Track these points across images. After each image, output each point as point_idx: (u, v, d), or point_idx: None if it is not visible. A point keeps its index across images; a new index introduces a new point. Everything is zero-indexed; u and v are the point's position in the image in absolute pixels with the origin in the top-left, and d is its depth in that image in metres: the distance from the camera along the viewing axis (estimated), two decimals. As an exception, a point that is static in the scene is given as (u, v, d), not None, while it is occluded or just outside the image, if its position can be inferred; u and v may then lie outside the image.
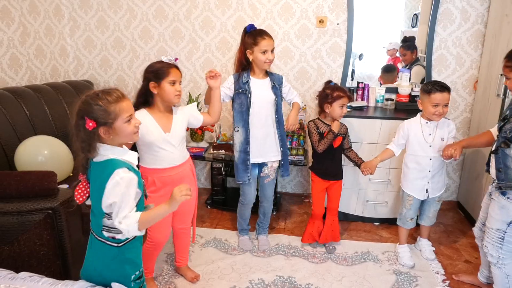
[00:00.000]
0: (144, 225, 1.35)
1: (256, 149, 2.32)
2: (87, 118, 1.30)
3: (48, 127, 2.55)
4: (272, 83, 2.30)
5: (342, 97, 2.29)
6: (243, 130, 2.29)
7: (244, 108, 2.25)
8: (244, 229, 2.62)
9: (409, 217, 2.42)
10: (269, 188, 2.48)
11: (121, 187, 1.30)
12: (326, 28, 3.01)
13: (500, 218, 1.81)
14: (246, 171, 2.34)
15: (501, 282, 1.89)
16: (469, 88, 3.01)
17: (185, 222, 2.13)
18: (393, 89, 3.03)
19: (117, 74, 3.37)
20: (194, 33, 3.16)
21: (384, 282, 2.25)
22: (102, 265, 1.43)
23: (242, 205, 2.51)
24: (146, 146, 1.87)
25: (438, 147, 2.25)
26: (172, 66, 1.82)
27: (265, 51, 2.17)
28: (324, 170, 2.44)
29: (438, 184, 2.35)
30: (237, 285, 2.20)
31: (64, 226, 1.87)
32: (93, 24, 3.26)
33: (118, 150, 1.38)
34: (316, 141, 2.36)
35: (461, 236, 2.77)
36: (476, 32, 2.88)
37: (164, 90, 1.82)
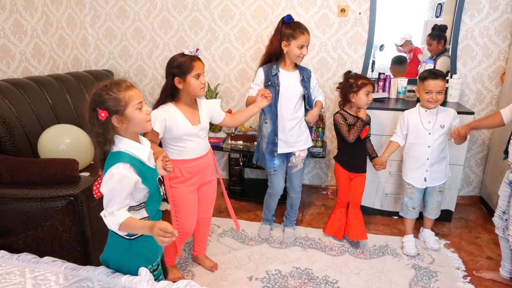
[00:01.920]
0: (125, 228, 1.33)
1: (284, 140, 2.32)
2: (98, 110, 1.31)
3: (70, 116, 2.60)
4: (301, 76, 2.29)
5: (366, 84, 2.27)
6: (271, 122, 2.30)
7: (273, 100, 2.22)
8: (268, 219, 2.64)
9: (411, 206, 2.44)
10: (296, 178, 2.47)
11: (113, 181, 1.30)
12: (348, 17, 2.95)
13: None
14: (272, 161, 2.36)
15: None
16: (495, 80, 2.90)
17: (207, 212, 2.16)
18: (415, 81, 2.95)
19: (137, 64, 3.39)
20: (213, 23, 3.15)
21: (402, 277, 2.22)
22: (115, 256, 1.44)
23: (269, 196, 2.52)
24: (174, 139, 1.89)
25: (438, 134, 2.28)
26: (195, 59, 1.81)
27: (302, 46, 2.16)
28: (350, 161, 2.42)
29: (438, 173, 2.35)
30: (254, 275, 2.21)
31: (85, 213, 1.91)
32: (114, 14, 3.28)
33: (129, 143, 1.37)
34: (346, 131, 2.33)
35: (483, 232, 2.70)
36: (505, 21, 2.77)
37: (190, 84, 1.81)
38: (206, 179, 2.04)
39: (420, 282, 2.17)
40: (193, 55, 1.82)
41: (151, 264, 1.48)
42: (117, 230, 1.34)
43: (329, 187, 3.36)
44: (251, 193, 3.20)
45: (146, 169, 1.39)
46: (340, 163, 2.45)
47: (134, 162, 1.35)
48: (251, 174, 3.46)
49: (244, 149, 2.95)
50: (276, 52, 2.23)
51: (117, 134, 1.36)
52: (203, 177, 2.01)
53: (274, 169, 2.38)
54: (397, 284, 2.16)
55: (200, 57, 1.85)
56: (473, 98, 2.95)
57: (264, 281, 2.16)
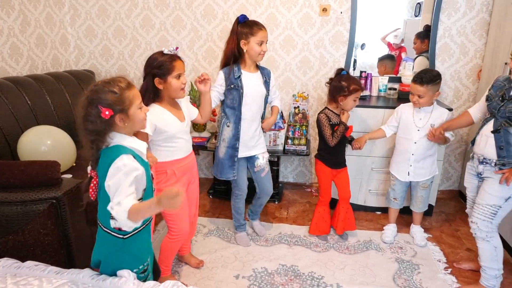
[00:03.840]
0: (134, 215, 1.27)
1: (245, 144, 2.28)
2: (101, 107, 1.28)
3: (51, 117, 2.54)
4: (264, 77, 2.26)
5: (357, 90, 2.27)
6: (234, 126, 2.24)
7: (236, 103, 2.19)
8: (241, 225, 2.55)
9: (393, 196, 2.54)
10: (268, 182, 2.41)
11: (119, 173, 1.28)
12: (329, 16, 2.98)
13: (499, 194, 1.88)
14: (232, 167, 2.30)
15: (490, 255, 1.97)
16: (472, 78, 2.99)
17: (191, 212, 2.14)
18: (396, 78, 3.01)
19: (119, 63, 3.34)
20: (195, 22, 3.13)
21: (386, 270, 2.26)
22: (106, 256, 1.43)
23: (236, 197, 2.45)
24: (166, 140, 1.85)
25: (426, 132, 2.34)
26: (175, 58, 1.77)
27: (261, 42, 2.13)
28: (332, 159, 2.45)
29: (423, 169, 2.42)
30: (240, 274, 2.22)
31: (68, 216, 1.88)
32: (94, 13, 3.22)
33: (128, 138, 1.37)
34: (329, 135, 2.33)
35: (462, 225, 2.78)
36: (481, 20, 2.85)
37: (171, 85, 1.77)
38: (192, 178, 2.04)
39: (403, 275, 2.22)
40: (173, 54, 1.77)
41: (143, 264, 1.47)
42: (126, 220, 1.26)
43: (313, 184, 3.39)
44: (236, 192, 3.20)
45: (144, 163, 1.39)
46: (323, 161, 2.46)
47: (134, 153, 1.35)
48: (236, 173, 3.47)
49: (229, 148, 2.95)
50: (233, 53, 2.16)
51: (114, 132, 1.34)
52: (190, 176, 2.01)
53: (234, 174, 2.31)
54: (381, 277, 2.20)
55: (180, 56, 1.81)
56: (452, 95, 3.03)
57: (250, 279, 2.17)
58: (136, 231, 1.42)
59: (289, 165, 3.41)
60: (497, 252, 1.96)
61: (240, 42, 2.14)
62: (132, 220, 1.28)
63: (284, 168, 3.41)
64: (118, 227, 1.37)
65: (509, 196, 1.86)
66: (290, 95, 3.16)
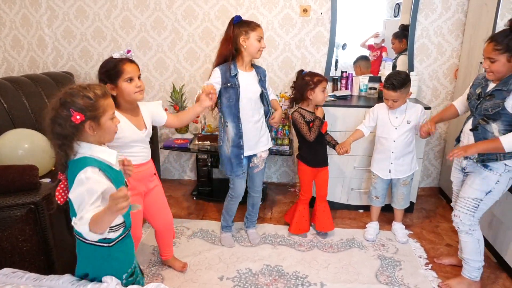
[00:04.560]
0: (94, 226, 1.19)
1: (248, 142, 2.29)
2: (73, 111, 1.24)
3: (28, 120, 2.49)
4: (259, 76, 2.27)
5: (322, 81, 2.33)
6: (234, 124, 2.23)
7: (233, 102, 2.19)
8: (228, 226, 2.55)
9: (375, 194, 2.58)
10: (258, 178, 2.46)
11: (81, 187, 1.22)
12: (310, 17, 3.01)
13: (480, 188, 1.93)
14: (239, 165, 2.30)
15: (473, 248, 2.02)
16: (450, 77, 3.06)
17: (164, 217, 2.10)
18: (376, 78, 3.06)
19: (98, 65, 3.25)
20: (176, 23, 3.11)
21: (369, 268, 2.29)
22: (96, 266, 1.39)
23: (231, 199, 2.44)
24: (121, 147, 1.79)
25: (404, 130, 2.38)
26: (125, 62, 1.70)
27: (260, 38, 2.14)
28: (313, 158, 2.47)
29: (403, 166, 2.47)
30: (225, 275, 2.21)
31: (47, 221, 1.84)
32: (72, 14, 3.17)
33: (96, 148, 1.32)
34: (307, 131, 2.37)
35: (442, 221, 2.85)
36: (457, 21, 2.93)
37: (123, 89, 1.71)
38: (150, 186, 1.97)
39: (385, 272, 2.26)
40: (123, 57, 1.71)
41: (131, 267, 1.46)
42: (88, 233, 1.21)
43: (297, 184, 3.42)
44: (220, 193, 3.18)
45: (114, 173, 1.35)
46: (304, 161, 2.49)
47: (102, 166, 1.30)
48: (220, 174, 3.46)
49: (212, 149, 2.94)
50: (230, 53, 2.16)
51: (82, 141, 1.30)
52: (147, 184, 1.94)
53: (243, 170, 2.32)
54: (364, 275, 2.23)
55: (133, 59, 1.75)
56: (430, 94, 3.10)
57: (235, 280, 2.17)
58: (121, 237, 1.40)
59: (272, 165, 3.42)
60: (480, 244, 2.01)
61: (239, 40, 2.13)
62: (95, 231, 1.21)
63: (267, 169, 3.42)
64: (102, 236, 1.34)
65: (489, 190, 1.91)
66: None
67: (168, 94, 3.22)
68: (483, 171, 1.92)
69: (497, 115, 1.81)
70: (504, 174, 1.88)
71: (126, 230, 1.43)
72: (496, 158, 1.86)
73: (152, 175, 1.99)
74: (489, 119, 1.85)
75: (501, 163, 1.86)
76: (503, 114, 1.79)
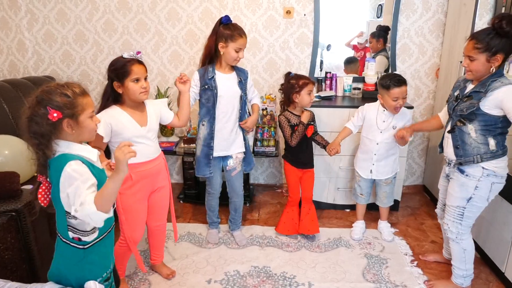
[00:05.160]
0: (102, 203, 1.20)
1: (220, 143, 2.30)
2: (50, 108, 1.22)
3: (8, 126, 2.43)
4: (238, 78, 2.28)
5: (308, 83, 2.33)
6: (209, 125, 2.27)
7: (210, 103, 2.23)
8: (214, 222, 2.60)
9: (359, 192, 2.62)
10: (237, 181, 2.45)
11: (74, 179, 1.22)
12: (293, 19, 3.03)
13: (460, 195, 1.91)
14: (208, 165, 2.33)
15: (458, 256, 2.01)
16: (431, 76, 3.11)
17: (160, 219, 2.10)
18: (360, 78, 3.09)
19: (81, 68, 3.25)
20: (160, 25, 3.09)
21: (355, 266, 2.31)
22: (68, 268, 1.37)
23: (209, 194, 2.48)
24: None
25: (388, 134, 2.39)
26: (134, 62, 1.75)
27: (239, 49, 2.15)
28: (298, 159, 2.47)
29: (385, 168, 2.49)
30: (212, 278, 2.20)
31: (29, 229, 1.81)
32: (53, 17, 3.12)
33: (76, 146, 1.31)
34: (289, 136, 2.38)
35: (427, 218, 2.89)
36: (437, 21, 2.98)
37: (128, 89, 1.75)
38: (157, 185, 1.98)
39: (372, 270, 2.28)
40: (132, 58, 1.75)
41: (106, 272, 1.44)
42: (96, 212, 1.19)
43: (284, 185, 3.42)
44: (207, 196, 3.18)
45: (96, 170, 1.34)
46: (289, 161, 2.50)
47: (84, 160, 1.29)
48: (206, 176, 3.44)
49: (198, 152, 2.92)
50: (212, 52, 2.19)
51: (61, 139, 1.29)
52: (154, 183, 1.95)
53: (211, 171, 2.35)
54: (351, 273, 2.25)
55: (142, 60, 1.79)
56: (412, 93, 3.15)
57: (223, 283, 2.16)
58: (97, 240, 1.39)
59: (259, 167, 3.42)
60: (466, 254, 1.98)
61: (218, 43, 2.15)
62: (102, 210, 1.20)
63: (254, 170, 3.42)
64: (77, 237, 1.34)
65: (469, 197, 1.88)
66: (258, 97, 3.19)
67: (152, 97, 3.19)
68: (460, 178, 1.90)
69: (473, 116, 1.80)
70: (483, 179, 1.83)
71: (104, 231, 1.41)
72: (472, 160, 1.83)
73: (161, 172, 1.98)
74: (466, 120, 1.84)
75: (478, 167, 1.83)
76: (479, 115, 1.78)
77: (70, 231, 1.33)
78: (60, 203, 1.28)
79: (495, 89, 1.73)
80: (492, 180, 1.83)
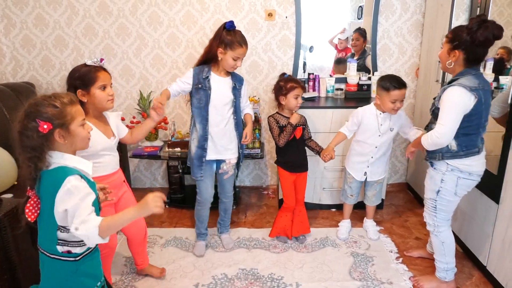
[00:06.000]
0: (107, 230, 1.22)
1: (213, 146, 2.28)
2: (39, 121, 1.21)
3: (-14, 134, 2.38)
4: (233, 83, 2.26)
5: (295, 87, 2.32)
6: (201, 126, 2.24)
7: (203, 104, 2.20)
8: (201, 233, 2.51)
9: (349, 193, 2.62)
10: (228, 183, 2.45)
11: (74, 195, 1.22)
12: (275, 21, 3.04)
13: (430, 187, 1.98)
14: (200, 167, 2.30)
15: (438, 249, 2.06)
16: (411, 76, 3.17)
17: (137, 226, 2.07)
18: (342, 79, 3.13)
19: (61, 74, 3.19)
20: (141, 29, 3.07)
21: (342, 265, 2.33)
22: (59, 284, 1.34)
23: (199, 204, 2.42)
24: (89, 157, 1.72)
25: (387, 137, 2.41)
26: (99, 69, 1.71)
27: (237, 58, 2.14)
28: (290, 162, 2.47)
29: (378, 169, 2.52)
30: (200, 282, 2.19)
31: (9, 238, 1.76)
32: (31, 22, 3.06)
33: (70, 158, 1.30)
34: (276, 136, 2.38)
35: (411, 215, 2.94)
36: (416, 22, 3.04)
37: (95, 96, 1.71)
38: (119, 194, 1.94)
39: (359, 268, 2.30)
40: (97, 65, 1.72)
41: (100, 281, 1.42)
42: (97, 236, 1.20)
43: (270, 186, 3.43)
44: (192, 200, 3.11)
45: (90, 183, 1.33)
46: (282, 166, 2.49)
47: (81, 174, 1.28)
48: (192, 180, 3.42)
49: (183, 155, 2.91)
50: (213, 55, 2.17)
51: (54, 150, 1.27)
52: (118, 192, 1.92)
53: (201, 174, 2.32)
54: (338, 272, 2.27)
55: (105, 68, 1.76)
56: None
57: (210, 286, 2.15)
58: (88, 252, 1.36)
59: (245, 169, 3.42)
60: (445, 247, 2.02)
61: (218, 48, 2.13)
62: (102, 236, 1.21)
63: (240, 172, 3.42)
64: (66, 250, 1.30)
65: (438, 190, 1.93)
66: (242, 99, 3.19)
67: (135, 101, 3.17)
68: (430, 170, 1.97)
69: (435, 115, 1.86)
70: (448, 173, 1.89)
71: None
72: (435, 157, 1.90)
73: (121, 183, 1.97)
74: (434, 119, 1.91)
75: (443, 162, 1.89)
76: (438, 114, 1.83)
77: (59, 245, 1.29)
78: (51, 218, 1.25)
79: (447, 87, 1.79)
80: (458, 175, 1.88)
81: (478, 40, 1.71)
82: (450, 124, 1.76)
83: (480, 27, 1.70)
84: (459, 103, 1.75)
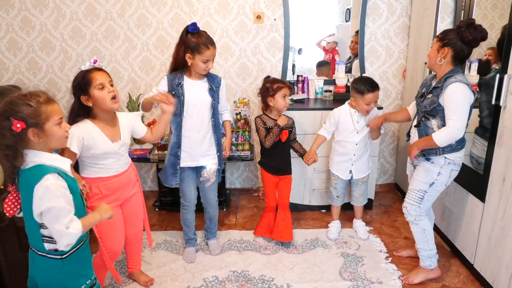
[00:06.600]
0: (86, 229, 1.36)
1: (189, 153, 2.22)
2: (13, 119, 1.21)
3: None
4: (209, 85, 2.19)
5: (282, 87, 2.33)
6: (176, 133, 2.19)
7: (177, 110, 2.12)
8: (190, 239, 2.47)
9: (335, 194, 2.65)
10: (211, 192, 2.37)
11: (50, 195, 1.23)
12: (264, 23, 3.06)
13: (424, 180, 2.04)
14: (174, 175, 2.24)
15: (420, 237, 2.14)
16: (398, 77, 3.22)
17: (136, 227, 2.06)
18: (330, 81, 3.15)
19: (48, 77, 3.16)
20: (129, 32, 3.05)
21: (333, 266, 2.35)
22: (47, 280, 1.35)
23: (183, 207, 2.37)
24: (92, 158, 1.76)
25: (364, 133, 2.48)
26: (92, 71, 1.70)
27: (207, 60, 2.07)
28: (273, 165, 2.48)
29: (362, 166, 2.57)
30: (191, 285, 2.18)
31: (-4, 243, 1.74)
32: (16, 25, 3.02)
33: (47, 156, 1.31)
34: (263, 137, 2.39)
35: (400, 215, 2.97)
36: (402, 24, 3.09)
37: (96, 97, 1.69)
38: (128, 194, 1.93)
39: (349, 268, 2.32)
40: (90, 68, 1.71)
41: (90, 279, 1.43)
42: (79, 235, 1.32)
43: (260, 188, 3.44)
44: (183, 203, 3.15)
45: (70, 180, 1.34)
46: (264, 167, 2.50)
47: (59, 171, 1.29)
48: (182, 183, 3.41)
49: (172, 158, 2.89)
50: (182, 61, 2.09)
51: (29, 149, 1.27)
52: (125, 192, 1.91)
53: (176, 182, 2.26)
54: (328, 273, 2.28)
55: (101, 67, 1.74)
56: (381, 94, 3.24)
57: (201, 289, 2.15)
58: (74, 250, 1.38)
59: (235, 171, 3.42)
60: (426, 234, 2.12)
61: (185, 54, 2.06)
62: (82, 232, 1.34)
63: (230, 175, 3.42)
64: (53, 248, 1.32)
65: (432, 182, 2.02)
66: (231, 101, 3.19)
67: (124, 104, 3.14)
68: (426, 164, 2.03)
69: (435, 112, 1.93)
70: (445, 166, 1.99)
71: (81, 241, 1.40)
72: (435, 152, 1.98)
73: (131, 182, 1.94)
74: (430, 116, 1.96)
75: (442, 156, 1.98)
76: (439, 110, 1.91)
77: (46, 242, 1.31)
78: (31, 215, 1.26)
79: (448, 84, 1.86)
80: (452, 167, 2.00)
81: (467, 38, 1.81)
82: (464, 117, 1.85)
83: (469, 27, 1.81)
84: (467, 97, 1.84)
